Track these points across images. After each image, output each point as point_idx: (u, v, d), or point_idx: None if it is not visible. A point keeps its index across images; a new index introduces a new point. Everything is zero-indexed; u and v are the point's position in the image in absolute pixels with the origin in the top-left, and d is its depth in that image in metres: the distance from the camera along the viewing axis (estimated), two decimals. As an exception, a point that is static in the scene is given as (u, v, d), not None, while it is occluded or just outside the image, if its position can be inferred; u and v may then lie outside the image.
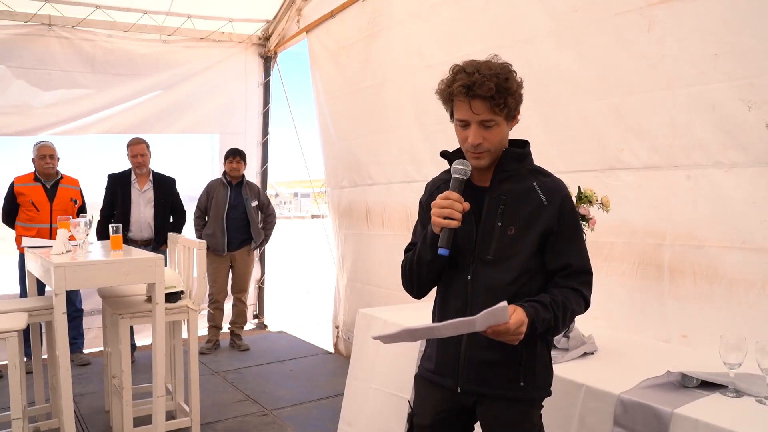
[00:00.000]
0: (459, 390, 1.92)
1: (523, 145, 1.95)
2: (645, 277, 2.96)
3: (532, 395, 1.91)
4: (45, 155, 5.35)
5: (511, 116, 1.84)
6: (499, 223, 1.85)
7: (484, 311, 1.61)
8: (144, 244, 5.53)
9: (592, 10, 3.18)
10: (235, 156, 6.05)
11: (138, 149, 5.60)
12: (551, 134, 3.41)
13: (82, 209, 5.58)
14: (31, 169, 5.48)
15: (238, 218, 6.07)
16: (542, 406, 1.98)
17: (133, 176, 5.67)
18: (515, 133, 1.92)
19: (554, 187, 1.88)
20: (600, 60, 3.16)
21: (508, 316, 1.66)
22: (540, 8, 3.49)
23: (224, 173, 6.12)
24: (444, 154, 1.96)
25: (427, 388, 2.05)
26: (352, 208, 5.65)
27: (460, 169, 1.82)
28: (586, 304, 1.90)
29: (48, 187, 5.42)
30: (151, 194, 5.67)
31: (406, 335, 1.76)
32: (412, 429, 2.10)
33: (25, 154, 5.69)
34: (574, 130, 3.31)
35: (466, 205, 1.79)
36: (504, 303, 1.61)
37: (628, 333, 2.98)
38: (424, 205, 2.03)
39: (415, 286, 2.01)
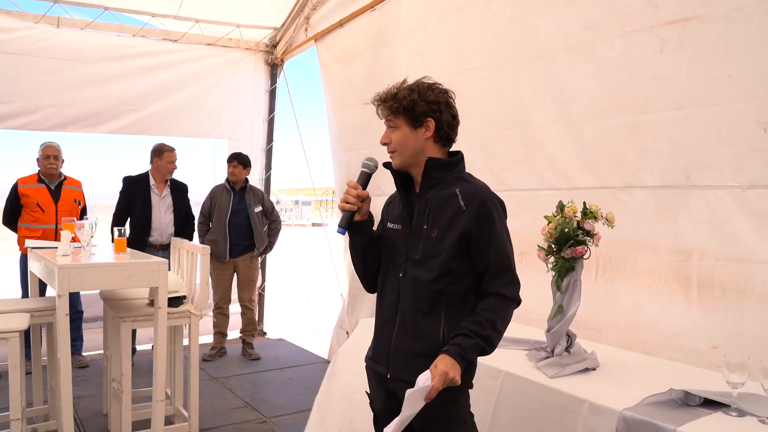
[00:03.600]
0: (389, 376, 2.11)
1: (455, 155, 2.16)
2: (672, 291, 2.97)
3: (451, 387, 2.00)
4: (50, 155, 5.35)
5: (416, 123, 2.06)
6: (425, 226, 2.06)
7: (402, 408, 1.84)
8: (162, 249, 5.53)
9: (602, 28, 3.19)
10: (232, 161, 5.98)
11: (173, 156, 5.60)
12: (570, 150, 3.43)
13: (83, 211, 5.59)
14: (33, 168, 5.48)
15: (240, 224, 5.99)
16: (469, 405, 2.14)
17: (152, 181, 5.64)
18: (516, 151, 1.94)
19: (474, 192, 2.05)
20: (614, 78, 3.17)
21: (426, 386, 1.83)
22: (550, 24, 3.50)
23: (227, 178, 6.08)
24: (386, 165, 2.19)
25: (371, 375, 2.26)
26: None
27: (366, 163, 2.14)
28: (516, 301, 2.05)
29: (52, 188, 5.42)
30: (170, 200, 5.66)
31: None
32: (374, 415, 2.29)
33: (24, 149, 5.67)
34: (591, 147, 3.32)
35: (364, 193, 2.10)
36: (407, 392, 1.82)
37: (654, 346, 2.98)
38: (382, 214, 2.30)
39: (360, 276, 2.29)
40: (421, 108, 2.05)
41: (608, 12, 3.17)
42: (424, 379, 1.85)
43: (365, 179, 2.14)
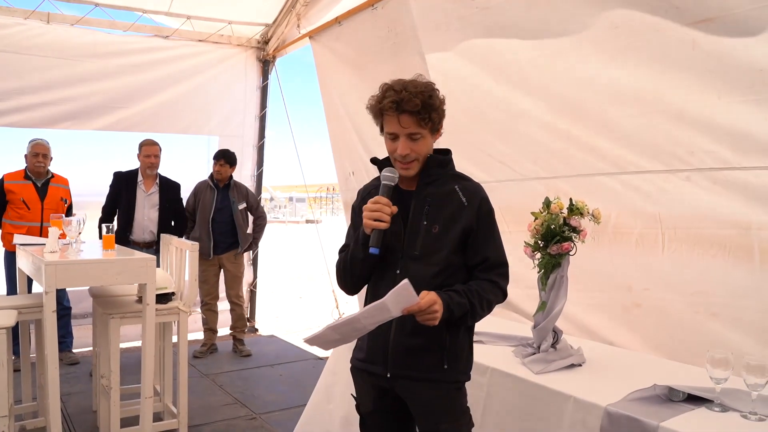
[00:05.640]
0: (388, 375, 2.07)
1: (446, 153, 2.16)
2: (736, 257, 3.00)
3: (455, 378, 2.08)
4: (38, 153, 5.33)
5: (435, 129, 2.05)
6: (425, 222, 2.04)
7: (390, 292, 1.77)
8: (146, 246, 5.50)
9: (630, 26, 3.22)
10: (220, 159, 5.93)
11: (152, 150, 5.57)
12: (622, 139, 3.44)
13: (69, 209, 5.56)
14: (20, 164, 5.45)
15: (224, 222, 5.96)
16: (465, 394, 2.15)
17: (140, 177, 5.62)
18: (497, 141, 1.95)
19: (474, 189, 2.09)
20: (657, 70, 3.21)
21: (416, 296, 1.79)
22: (580, 20, 3.47)
23: (211, 175, 6.03)
24: (374, 161, 2.16)
25: (361, 376, 2.20)
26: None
27: (389, 176, 2.03)
28: (504, 294, 2.08)
29: (39, 185, 5.39)
30: (156, 198, 5.63)
31: (331, 332, 1.90)
32: (361, 418, 2.23)
33: (12, 147, 5.65)
34: (643, 134, 3.36)
35: (394, 209, 1.99)
36: (405, 281, 1.75)
37: (721, 308, 3.03)
38: (357, 210, 2.18)
39: (349, 283, 2.18)
40: (444, 114, 2.05)
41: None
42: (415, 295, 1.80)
43: (390, 193, 2.02)
